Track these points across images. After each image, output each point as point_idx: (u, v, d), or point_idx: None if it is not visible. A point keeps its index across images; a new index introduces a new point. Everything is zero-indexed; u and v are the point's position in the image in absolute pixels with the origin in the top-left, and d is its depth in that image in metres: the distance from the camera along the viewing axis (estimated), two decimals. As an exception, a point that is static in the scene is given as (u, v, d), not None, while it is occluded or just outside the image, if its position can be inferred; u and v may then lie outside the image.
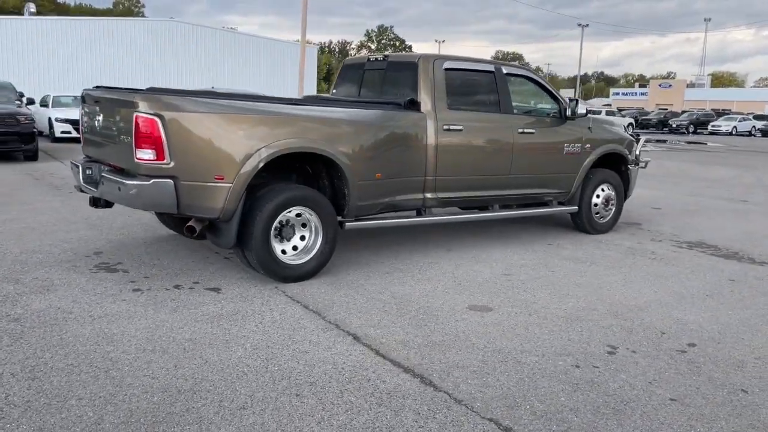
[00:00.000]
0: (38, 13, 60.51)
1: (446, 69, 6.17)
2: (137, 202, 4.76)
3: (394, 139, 5.68)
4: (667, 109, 55.53)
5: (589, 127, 7.23)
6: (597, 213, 7.51)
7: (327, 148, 5.15)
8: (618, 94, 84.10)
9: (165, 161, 4.64)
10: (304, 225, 5.27)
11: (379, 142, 5.55)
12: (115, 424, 2.90)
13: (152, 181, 4.66)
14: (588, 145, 7.19)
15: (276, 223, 5.10)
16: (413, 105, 5.98)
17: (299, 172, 5.66)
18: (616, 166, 7.76)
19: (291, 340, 3.97)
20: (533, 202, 7.19)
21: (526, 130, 6.60)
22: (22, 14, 41.61)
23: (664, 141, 33.73)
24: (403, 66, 6.33)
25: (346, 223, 5.60)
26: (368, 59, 6.81)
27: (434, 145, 5.95)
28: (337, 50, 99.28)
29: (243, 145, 4.79)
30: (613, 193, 7.60)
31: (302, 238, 5.28)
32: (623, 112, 49.09)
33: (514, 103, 6.80)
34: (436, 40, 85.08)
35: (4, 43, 31.56)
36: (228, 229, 4.91)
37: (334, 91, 7.21)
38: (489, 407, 3.21)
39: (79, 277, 5.10)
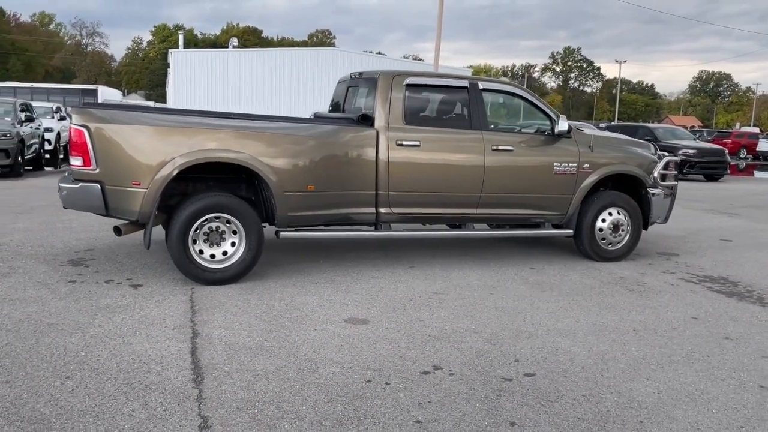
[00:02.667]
0: (243, 46, 67.17)
1: (408, 85, 6.16)
2: (69, 202, 5.36)
3: (333, 153, 5.79)
4: None
5: (590, 146, 6.75)
6: (603, 239, 6.94)
7: (246, 159, 5.40)
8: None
9: (92, 167, 5.19)
10: (235, 232, 5.56)
11: (313, 155, 5.69)
12: None
13: (80, 184, 5.24)
14: (586, 165, 6.71)
15: (206, 229, 5.45)
16: (366, 120, 6.05)
17: (249, 183, 5.96)
18: (635, 188, 7.14)
19: (134, 333, 4.27)
20: (522, 223, 6.85)
21: (501, 147, 6.34)
22: (227, 47, 46.84)
23: None
24: (368, 82, 6.42)
25: (282, 233, 5.80)
26: (351, 76, 6.97)
27: (386, 160, 5.97)
28: (520, 74, 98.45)
29: (158, 154, 5.21)
30: (625, 218, 6.98)
31: (233, 244, 5.57)
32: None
33: (497, 120, 6.58)
34: (617, 60, 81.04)
35: (214, 71, 35.18)
36: (146, 231, 5.35)
37: (330, 107, 7.45)
38: (219, 406, 3.27)
39: (42, 268, 5.80)
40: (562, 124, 6.42)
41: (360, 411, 3.28)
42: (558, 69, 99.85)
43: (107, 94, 33.39)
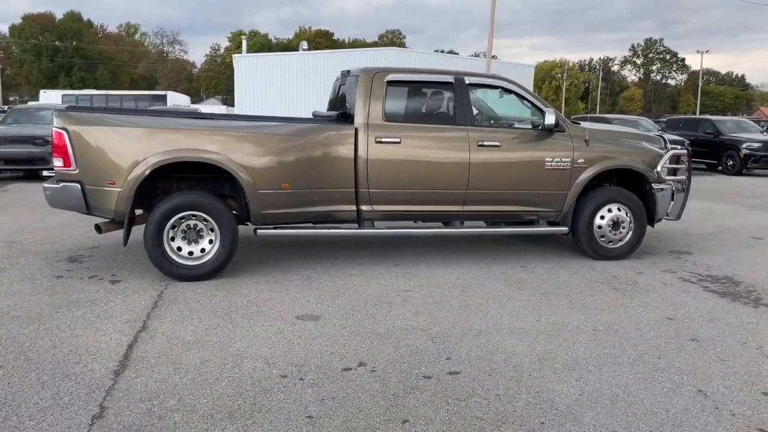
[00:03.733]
0: (315, 48, 68.58)
1: (389, 82, 6.14)
2: (52, 202, 5.63)
3: (309, 151, 5.82)
4: None
5: (585, 140, 6.52)
6: (602, 236, 6.68)
7: (218, 158, 5.52)
8: None
9: (71, 168, 5.44)
10: (212, 230, 5.69)
11: (288, 154, 5.75)
12: None
13: (61, 184, 5.49)
14: (581, 160, 6.48)
15: (183, 226, 5.61)
16: (346, 118, 6.06)
17: (231, 181, 6.07)
18: (639, 184, 6.85)
19: (86, 326, 4.44)
20: (514, 220, 6.69)
21: (487, 143, 6.22)
22: (298, 50, 47.75)
23: None
24: (354, 80, 6.42)
25: (258, 230, 5.90)
26: (342, 74, 7.00)
27: (365, 158, 5.96)
28: (598, 68, 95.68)
29: (131, 155, 5.40)
30: (627, 215, 6.70)
31: (210, 241, 5.70)
32: None
33: (489, 115, 6.47)
34: (698, 51, 77.70)
35: (277, 74, 35.70)
36: (125, 229, 5.55)
37: (328, 105, 7.49)
38: (123, 398, 3.37)
39: (38, 264, 6.11)
40: (549, 118, 6.22)
41: (257, 406, 3.31)
42: (639, 61, 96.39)
43: (176, 99, 34.66)
